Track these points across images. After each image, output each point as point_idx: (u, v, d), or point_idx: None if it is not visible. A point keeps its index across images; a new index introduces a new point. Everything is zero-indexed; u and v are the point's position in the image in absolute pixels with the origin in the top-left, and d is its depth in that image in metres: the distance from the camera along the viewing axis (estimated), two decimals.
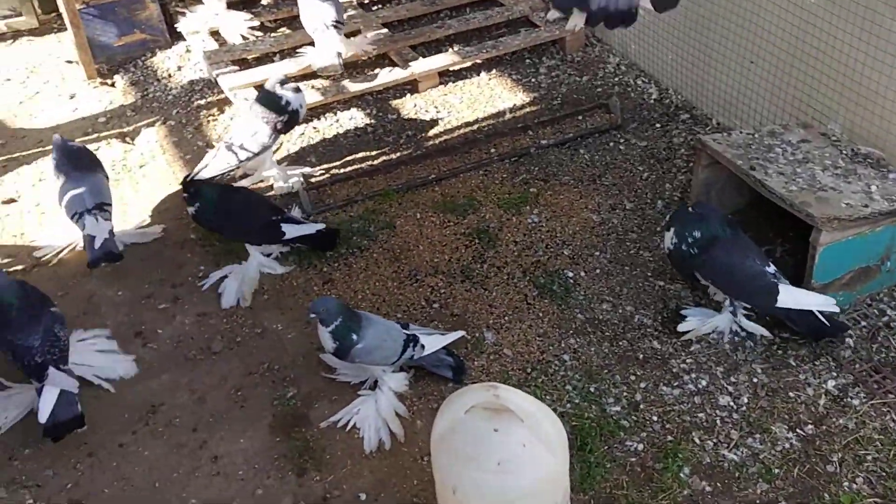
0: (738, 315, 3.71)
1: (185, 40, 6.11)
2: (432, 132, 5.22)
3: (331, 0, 5.38)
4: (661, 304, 3.94)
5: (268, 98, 4.66)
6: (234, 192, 4.45)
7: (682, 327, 3.75)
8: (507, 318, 3.93)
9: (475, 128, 5.22)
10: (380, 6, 6.33)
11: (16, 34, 6.44)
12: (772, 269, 3.61)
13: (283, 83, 4.66)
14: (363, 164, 4.98)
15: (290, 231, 4.17)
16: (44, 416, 3.40)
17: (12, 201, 4.86)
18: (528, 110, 5.33)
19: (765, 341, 3.72)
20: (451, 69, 5.62)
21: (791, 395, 3.51)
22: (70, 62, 6.03)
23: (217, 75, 5.51)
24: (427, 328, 3.77)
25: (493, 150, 5.00)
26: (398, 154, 5.04)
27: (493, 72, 5.66)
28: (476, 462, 2.55)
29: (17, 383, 3.67)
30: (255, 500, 3.27)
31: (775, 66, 4.41)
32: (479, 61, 5.68)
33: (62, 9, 5.75)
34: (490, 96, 5.47)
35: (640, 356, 3.72)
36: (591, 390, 3.58)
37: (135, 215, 4.70)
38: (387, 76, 5.47)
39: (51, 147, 4.63)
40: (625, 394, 3.56)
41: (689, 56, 5.01)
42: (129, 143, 5.28)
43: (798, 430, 3.37)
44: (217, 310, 4.07)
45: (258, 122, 4.61)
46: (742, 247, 3.64)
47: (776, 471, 3.23)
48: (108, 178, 4.51)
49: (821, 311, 3.57)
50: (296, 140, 5.14)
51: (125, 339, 3.94)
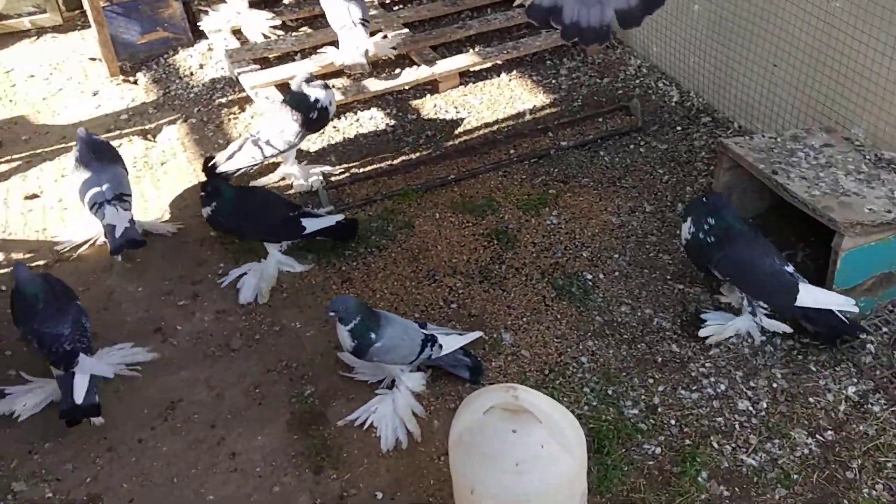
0: (757, 314, 3.68)
1: (207, 39, 6.14)
2: (452, 133, 5.22)
3: None
4: (681, 307, 3.92)
5: (295, 96, 4.68)
6: (250, 192, 4.46)
7: (703, 332, 3.73)
8: (525, 319, 3.93)
9: (495, 129, 5.22)
10: (401, 6, 6.34)
11: (40, 31, 6.49)
12: (790, 268, 3.60)
13: (308, 81, 4.68)
14: (383, 164, 4.98)
15: (311, 225, 4.19)
16: (80, 397, 3.45)
17: (35, 197, 4.89)
18: (548, 112, 5.32)
19: (785, 346, 3.70)
20: (471, 70, 5.62)
21: (811, 400, 3.48)
22: (93, 59, 6.08)
23: (238, 74, 5.53)
24: (445, 328, 3.77)
25: (512, 151, 4.99)
26: (418, 154, 5.05)
27: (514, 73, 5.65)
28: (494, 462, 2.55)
29: (39, 378, 3.71)
30: (272, 497, 3.28)
31: (798, 70, 4.38)
32: (499, 62, 5.67)
33: (86, 6, 5.80)
34: (510, 97, 5.47)
35: (659, 359, 3.70)
36: (609, 393, 3.57)
37: (155, 212, 4.73)
38: (407, 76, 5.48)
39: (73, 143, 4.68)
40: (643, 397, 3.55)
41: (712, 59, 4.98)
42: (150, 140, 5.32)
43: (818, 436, 3.35)
44: (236, 307, 4.09)
45: (286, 119, 4.63)
46: (762, 245, 3.64)
47: (795, 476, 3.21)
48: (127, 171, 4.55)
49: (840, 311, 3.56)
50: (316, 139, 5.15)
51: (145, 334, 3.98)
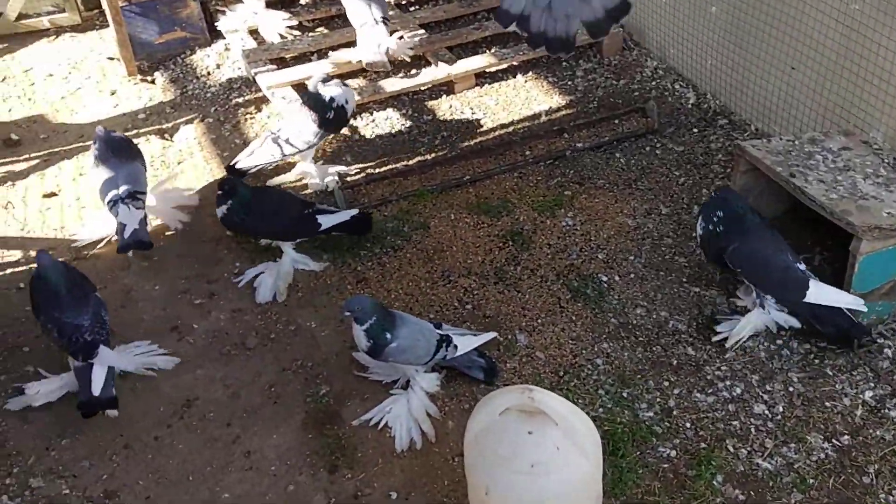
0: (767, 308, 3.69)
1: (224, 38, 6.16)
2: (467, 133, 5.22)
3: None
4: (696, 310, 3.91)
5: (312, 96, 4.72)
6: (265, 192, 4.50)
7: (718, 338, 3.73)
8: (539, 320, 3.93)
9: (510, 130, 5.22)
10: (417, 7, 6.35)
11: (58, 30, 6.53)
12: (802, 266, 3.63)
13: (325, 81, 4.71)
14: (398, 164, 4.99)
15: (326, 221, 4.21)
16: (97, 389, 3.49)
17: (53, 195, 4.93)
18: (563, 113, 5.32)
19: (801, 350, 3.68)
20: (487, 71, 5.62)
21: (827, 404, 3.47)
22: (111, 59, 6.11)
23: (255, 74, 5.56)
24: (460, 329, 3.78)
25: (528, 153, 4.99)
26: (433, 154, 5.05)
27: (530, 74, 5.65)
28: (510, 463, 2.55)
29: (55, 374, 3.73)
30: (286, 496, 3.29)
31: (817, 73, 4.36)
32: (515, 63, 5.67)
33: (105, 6, 5.83)
34: (526, 98, 5.47)
35: (674, 362, 3.69)
36: (624, 395, 3.56)
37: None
38: (423, 77, 5.48)
39: (91, 142, 4.71)
40: (658, 399, 3.54)
41: (729, 61, 4.96)
42: (167, 139, 5.35)
43: (834, 441, 3.33)
44: (252, 306, 4.11)
45: (305, 119, 4.68)
46: (774, 239, 3.67)
47: (811, 481, 3.20)
48: (146, 167, 4.59)
49: (849, 310, 3.56)
50: (331, 139, 5.17)
51: (161, 333, 4.00)
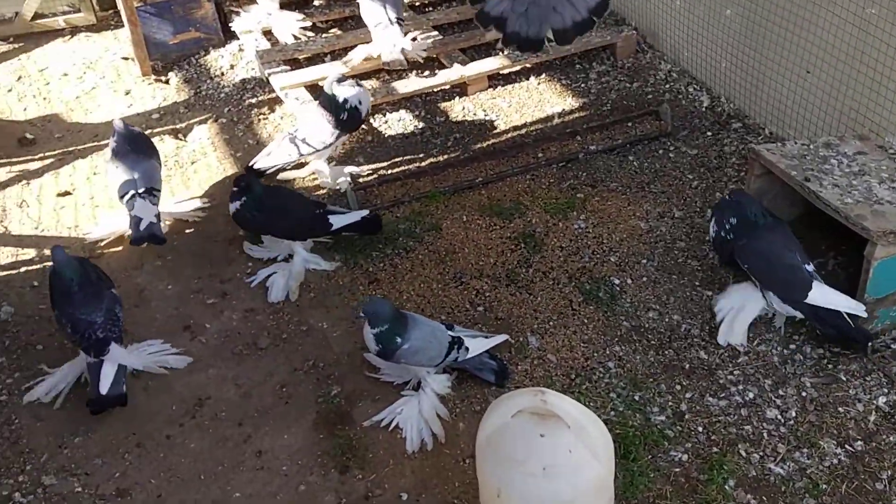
0: (766, 298, 3.74)
1: (238, 39, 6.18)
2: (480, 135, 5.22)
3: None
4: (709, 314, 3.89)
5: (326, 97, 4.76)
6: (278, 191, 4.52)
7: (721, 339, 3.77)
8: (551, 323, 3.92)
9: (523, 132, 5.22)
10: (431, 9, 6.36)
11: (74, 30, 6.56)
12: (810, 267, 3.64)
13: (340, 81, 4.73)
14: (410, 166, 5.00)
15: (337, 221, 4.24)
16: (105, 387, 3.52)
17: (67, 194, 4.95)
18: (576, 115, 5.31)
19: (814, 355, 3.67)
20: (500, 73, 5.62)
21: (840, 410, 3.45)
22: (126, 59, 6.14)
23: (269, 74, 5.57)
24: (471, 331, 3.77)
25: (540, 155, 4.98)
26: (445, 156, 5.05)
27: (543, 76, 5.64)
28: (522, 466, 2.55)
29: (56, 368, 3.79)
30: (297, 496, 3.30)
31: (832, 77, 4.34)
32: (528, 65, 5.66)
33: (120, 6, 5.86)
34: (539, 101, 5.46)
35: (687, 366, 3.68)
36: (636, 399, 3.55)
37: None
38: (436, 78, 5.49)
39: (106, 142, 4.73)
40: (670, 403, 3.53)
41: (743, 64, 4.95)
42: (181, 139, 5.36)
43: (847, 446, 3.32)
44: (264, 306, 4.12)
45: (320, 119, 4.72)
46: (784, 238, 3.70)
47: (823, 486, 3.18)
48: (161, 164, 4.64)
49: (848, 315, 3.57)
50: (344, 141, 5.17)
51: (174, 332, 4.01)
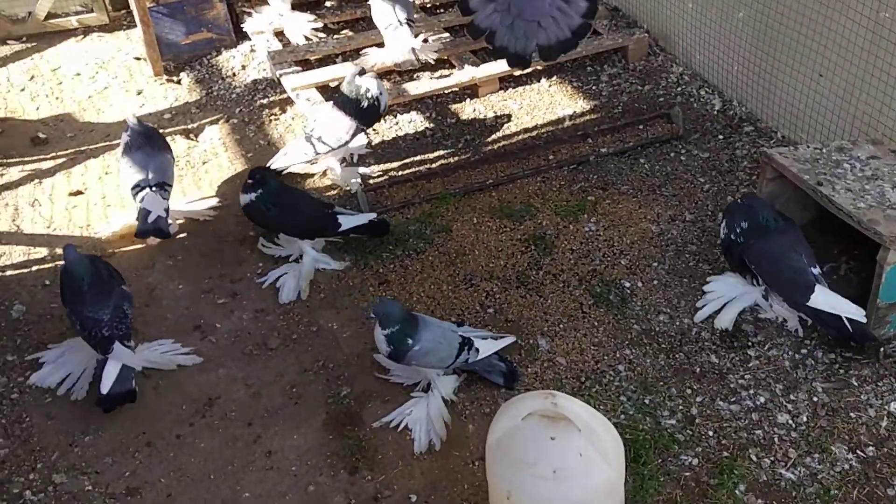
0: (768, 300, 3.79)
1: (249, 40, 6.19)
2: (491, 137, 5.22)
3: None
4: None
5: (348, 89, 4.77)
6: (289, 188, 4.54)
7: (699, 316, 3.87)
8: (561, 325, 3.92)
9: (534, 134, 5.21)
10: (442, 10, 6.36)
11: (86, 30, 6.59)
12: (817, 270, 3.64)
13: (361, 74, 4.77)
14: (421, 167, 5.00)
15: (346, 222, 4.26)
16: (105, 388, 3.54)
17: (79, 193, 4.96)
18: (588, 118, 5.31)
19: (826, 360, 3.65)
20: (511, 75, 5.61)
21: (852, 415, 3.43)
22: (138, 59, 6.16)
23: (280, 75, 5.58)
24: (481, 331, 3.77)
25: (551, 157, 4.98)
26: (456, 158, 5.05)
27: (554, 78, 5.64)
28: (532, 469, 2.54)
29: (63, 343, 3.84)
30: (307, 497, 3.30)
31: (845, 81, 4.32)
32: (539, 68, 5.65)
33: (132, 6, 5.88)
34: (550, 103, 5.46)
35: (697, 370, 3.67)
36: (646, 402, 3.54)
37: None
38: (447, 80, 5.49)
39: (117, 141, 4.75)
40: (680, 407, 3.52)
41: (756, 67, 4.93)
42: (192, 139, 5.38)
43: (858, 452, 3.30)
44: (274, 306, 4.12)
45: (337, 118, 4.72)
46: (791, 241, 3.71)
47: (834, 492, 3.17)
48: (174, 158, 4.67)
49: (848, 319, 3.57)
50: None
51: (184, 332, 4.02)
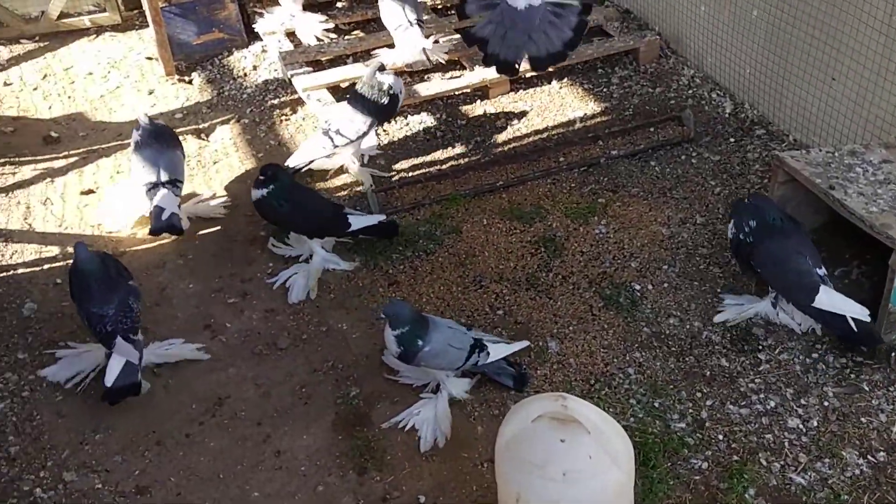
0: (776, 307, 3.78)
1: (261, 40, 6.21)
2: (501, 139, 5.22)
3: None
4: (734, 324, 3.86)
5: (368, 84, 4.79)
6: (301, 186, 4.56)
7: (718, 318, 3.84)
8: (571, 328, 3.91)
9: (545, 136, 5.21)
10: (452, 12, 6.35)
11: (99, 29, 6.61)
12: (822, 271, 3.64)
13: (381, 70, 4.80)
14: (431, 169, 5.00)
15: (356, 222, 4.27)
16: (109, 381, 3.59)
17: (91, 192, 4.98)
18: (598, 120, 5.30)
19: (837, 364, 3.64)
20: (522, 76, 5.61)
21: (863, 420, 3.42)
22: (150, 58, 6.18)
23: (291, 76, 5.59)
24: (492, 335, 3.76)
25: (562, 159, 4.97)
26: (466, 159, 5.05)
27: (565, 80, 5.63)
28: (542, 471, 2.54)
29: (82, 344, 3.88)
30: (315, 497, 3.30)
31: (858, 84, 4.30)
32: (550, 70, 5.64)
33: (145, 6, 5.90)
34: (561, 105, 5.45)
35: (707, 373, 3.66)
36: (656, 405, 3.53)
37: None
38: (458, 81, 5.49)
39: (129, 140, 4.77)
40: (690, 410, 3.51)
41: (768, 70, 4.92)
42: (203, 139, 5.39)
43: (869, 457, 3.29)
44: (284, 306, 4.13)
45: (356, 109, 4.75)
46: (796, 242, 3.70)
47: (845, 497, 3.15)
48: (184, 155, 4.72)
49: (853, 319, 3.56)
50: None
51: (195, 331, 4.04)
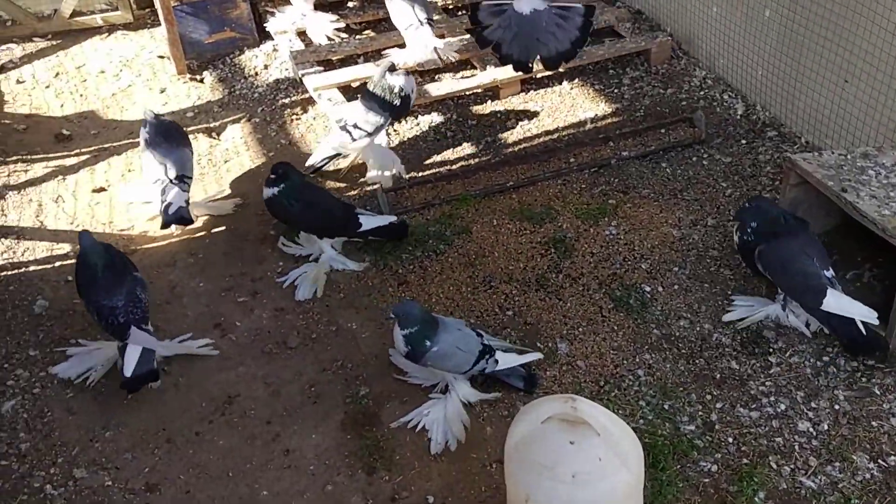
0: (785, 310, 3.77)
1: (272, 40, 6.22)
2: (512, 139, 5.21)
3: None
4: (744, 326, 3.85)
5: (379, 86, 4.83)
6: (312, 185, 4.56)
7: (728, 317, 3.85)
8: (581, 329, 3.90)
9: (555, 136, 5.20)
10: (464, 12, 6.36)
11: (111, 28, 6.64)
12: (829, 273, 3.63)
13: (391, 70, 4.83)
14: (441, 169, 5.00)
15: (367, 223, 4.28)
16: (128, 371, 3.58)
17: (102, 190, 5.00)
18: (609, 121, 5.29)
19: (848, 368, 3.62)
20: (533, 77, 5.60)
21: (874, 424, 3.40)
22: (161, 57, 6.20)
23: (302, 75, 5.60)
24: (504, 342, 3.76)
25: (572, 160, 4.96)
26: (477, 159, 5.05)
27: (576, 81, 5.62)
28: (551, 472, 2.54)
29: (93, 341, 3.89)
30: (324, 496, 3.31)
31: (871, 87, 4.28)
32: (561, 70, 5.64)
33: (157, 5, 5.92)
34: (571, 105, 5.44)
35: (717, 376, 3.65)
36: (665, 408, 3.52)
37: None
38: (469, 82, 5.48)
39: (140, 139, 4.78)
40: (700, 413, 3.50)
41: (780, 72, 4.90)
42: (214, 138, 5.40)
43: (880, 461, 3.27)
44: (294, 305, 4.13)
45: (370, 108, 4.80)
46: (801, 243, 3.69)
47: (855, 501, 3.14)
48: (192, 151, 4.75)
49: (862, 323, 3.55)
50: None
51: (205, 329, 4.04)
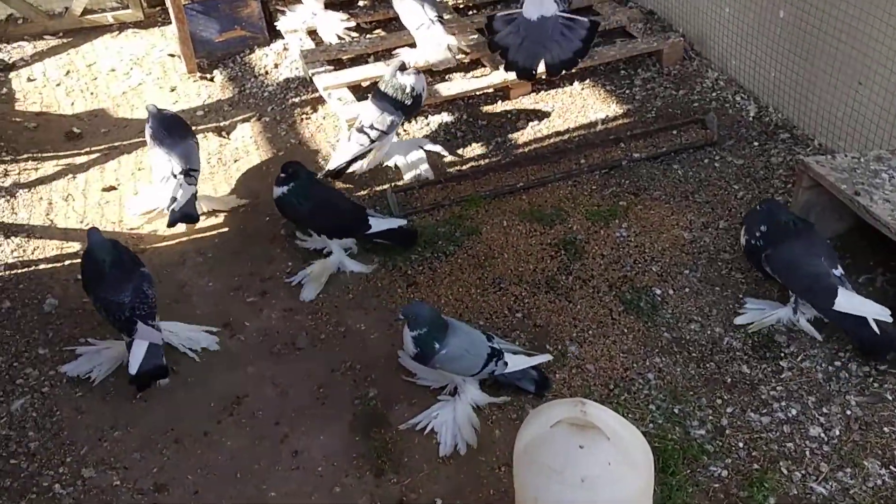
0: (797, 313, 3.74)
1: (283, 38, 6.22)
2: (522, 140, 5.19)
3: None
4: (756, 331, 3.82)
5: (390, 85, 4.83)
6: (322, 184, 4.56)
7: (739, 320, 3.82)
8: (590, 332, 3.88)
9: (566, 137, 5.18)
10: (475, 12, 6.34)
11: (122, 26, 6.66)
12: (839, 271, 3.60)
13: (402, 69, 4.83)
14: (451, 169, 4.98)
15: (376, 224, 4.26)
16: (134, 368, 3.60)
17: (112, 189, 5.01)
18: (620, 122, 5.26)
19: (860, 373, 3.59)
20: (543, 77, 5.58)
21: (886, 429, 3.37)
22: (172, 56, 6.21)
23: (312, 74, 5.59)
24: (513, 345, 3.74)
25: (583, 161, 4.94)
26: (487, 160, 5.03)
27: (587, 82, 5.60)
28: (560, 476, 2.52)
29: (102, 340, 3.90)
30: (332, 497, 3.30)
31: (885, 89, 4.25)
32: (572, 70, 5.61)
33: (168, 3, 5.93)
34: (582, 106, 5.42)
35: (728, 380, 3.62)
36: (675, 412, 3.50)
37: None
38: (479, 82, 5.47)
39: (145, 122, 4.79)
40: (710, 417, 3.47)
41: (793, 74, 4.86)
42: (224, 137, 5.40)
43: (892, 467, 3.24)
44: (303, 306, 4.13)
45: (382, 108, 4.80)
46: (811, 245, 3.67)
47: None
48: (198, 143, 4.74)
49: (876, 321, 3.52)
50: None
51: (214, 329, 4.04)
